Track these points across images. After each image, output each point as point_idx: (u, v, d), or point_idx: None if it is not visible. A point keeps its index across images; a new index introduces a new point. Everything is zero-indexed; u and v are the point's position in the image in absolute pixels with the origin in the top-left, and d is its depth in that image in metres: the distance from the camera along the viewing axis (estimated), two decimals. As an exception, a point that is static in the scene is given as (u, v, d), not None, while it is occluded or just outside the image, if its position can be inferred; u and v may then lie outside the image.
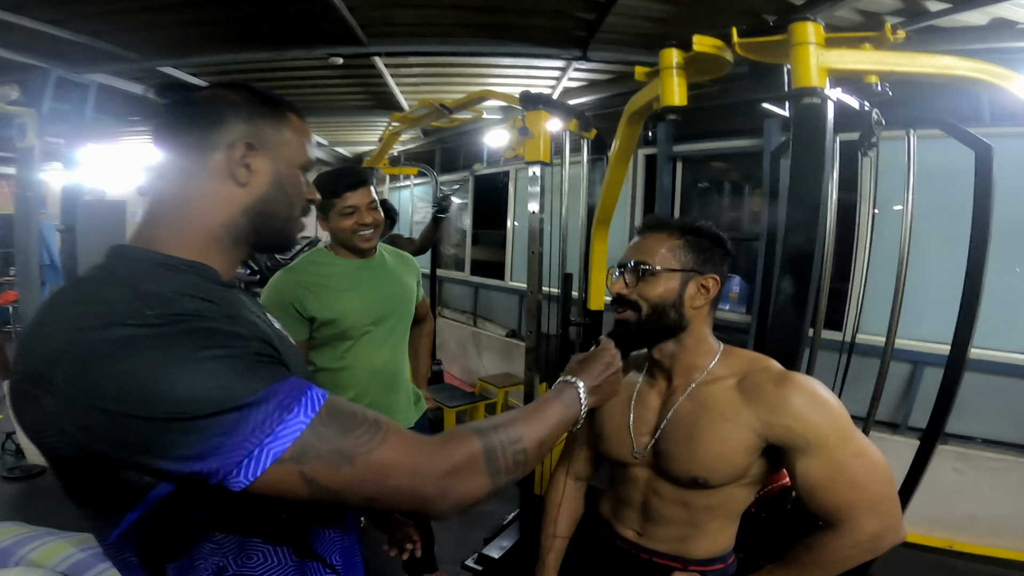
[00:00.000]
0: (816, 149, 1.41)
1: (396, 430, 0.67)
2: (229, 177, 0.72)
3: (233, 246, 0.76)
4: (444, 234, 7.10)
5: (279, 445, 0.60)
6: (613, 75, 4.05)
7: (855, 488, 1.00)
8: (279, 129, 0.76)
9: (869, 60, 1.16)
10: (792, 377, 1.05)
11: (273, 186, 0.75)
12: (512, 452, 0.74)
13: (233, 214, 0.74)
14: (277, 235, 0.80)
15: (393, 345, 1.89)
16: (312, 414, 0.62)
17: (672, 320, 1.14)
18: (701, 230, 1.16)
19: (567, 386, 0.93)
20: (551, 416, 0.85)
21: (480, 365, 5.72)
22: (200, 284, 0.69)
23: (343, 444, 0.63)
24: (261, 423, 0.59)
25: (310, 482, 0.62)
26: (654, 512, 1.21)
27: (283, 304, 1.70)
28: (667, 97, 1.36)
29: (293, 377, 0.65)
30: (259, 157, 0.74)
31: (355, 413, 0.66)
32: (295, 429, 0.61)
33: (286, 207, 0.78)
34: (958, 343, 1.77)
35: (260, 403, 0.60)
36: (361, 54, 3.56)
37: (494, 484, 0.72)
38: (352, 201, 1.75)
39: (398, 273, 1.96)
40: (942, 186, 2.79)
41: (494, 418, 0.78)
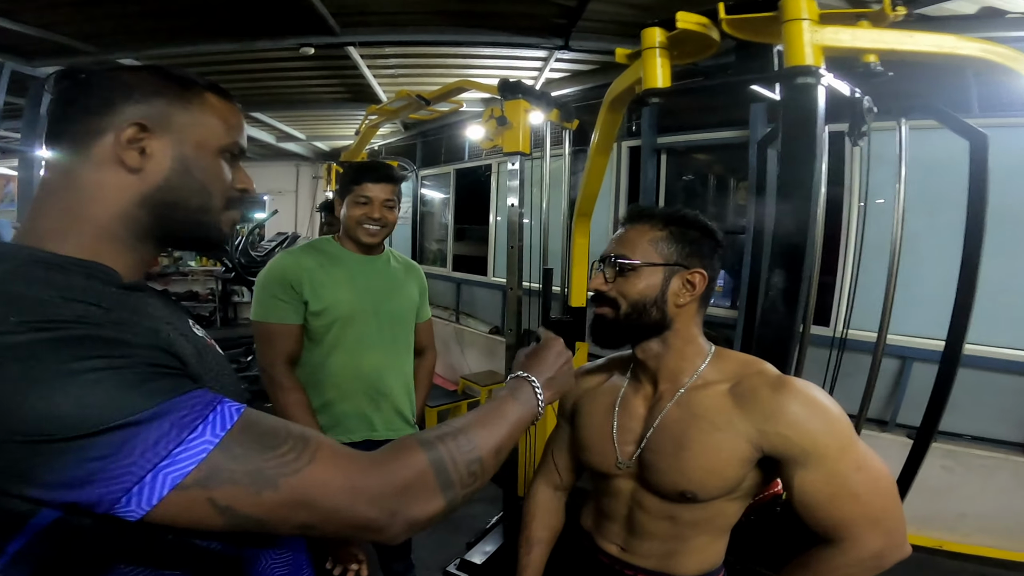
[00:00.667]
0: (807, 134, 1.33)
1: (328, 446, 0.60)
2: (117, 163, 0.64)
3: (135, 241, 0.67)
4: (427, 229, 6.99)
5: (178, 469, 0.52)
6: (596, 65, 3.97)
7: (857, 503, 0.91)
8: (187, 109, 0.67)
9: (868, 38, 1.07)
10: (789, 382, 0.96)
11: (177, 172, 0.66)
12: (465, 463, 0.67)
13: (126, 205, 0.65)
14: (191, 229, 0.70)
15: (384, 351, 1.77)
16: (221, 432, 0.55)
17: (654, 318, 1.04)
18: (686, 219, 1.06)
19: (520, 382, 0.86)
20: (507, 417, 0.78)
21: (463, 363, 5.63)
22: (89, 286, 0.60)
23: (263, 465, 0.55)
24: (153, 444, 0.51)
25: (224, 511, 0.54)
26: (639, 526, 1.12)
27: (283, 283, 1.64)
28: (649, 79, 1.26)
29: (199, 390, 0.57)
30: (157, 140, 0.65)
31: (277, 429, 0.59)
32: (199, 450, 0.53)
33: (197, 196, 0.68)
34: (953, 338, 1.70)
35: (150, 421, 0.52)
36: (334, 44, 3.44)
37: (448, 501, 0.65)
38: (369, 192, 1.70)
39: (400, 278, 1.87)
40: (927, 178, 2.73)
41: (442, 426, 0.71)
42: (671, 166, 4.18)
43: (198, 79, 0.70)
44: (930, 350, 2.92)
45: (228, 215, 0.73)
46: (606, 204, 4.25)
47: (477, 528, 2.82)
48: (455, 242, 6.49)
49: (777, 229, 1.43)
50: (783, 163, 1.40)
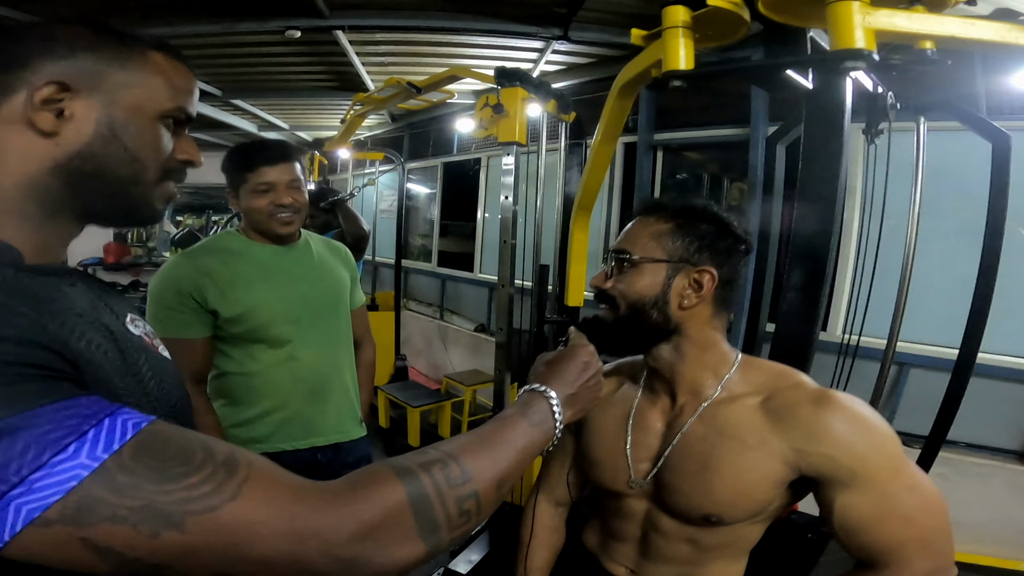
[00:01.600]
0: (835, 127, 1.25)
1: (263, 473, 0.48)
2: (26, 124, 0.55)
3: (44, 216, 0.57)
4: (412, 224, 6.85)
5: (36, 500, 0.41)
6: (595, 59, 3.87)
7: (909, 526, 0.83)
8: (124, 67, 0.58)
9: (926, 23, 0.97)
10: (832, 397, 0.87)
11: (101, 137, 0.57)
12: (456, 499, 0.55)
13: (35, 172, 0.56)
14: (117, 202, 0.61)
15: (321, 348, 1.59)
16: (104, 454, 0.43)
17: (655, 321, 0.94)
18: (695, 211, 0.96)
19: (535, 397, 0.73)
20: (514, 441, 0.65)
21: (447, 361, 5.51)
22: None
23: (161, 499, 0.44)
24: (1, 467, 0.41)
25: (105, 552, 0.43)
26: (653, 549, 1.02)
27: (179, 294, 1.42)
28: (671, 60, 1.16)
29: (83, 397, 0.45)
30: (80, 101, 0.56)
31: (190, 449, 0.47)
32: (67, 477, 0.42)
33: (126, 165, 0.59)
34: (967, 345, 1.63)
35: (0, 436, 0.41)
36: (321, 27, 3.28)
37: (430, 547, 0.53)
38: (268, 177, 1.48)
39: (328, 264, 1.67)
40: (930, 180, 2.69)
41: (428, 450, 0.58)
42: (667, 164, 4.11)
43: (143, 35, 0.61)
44: (929, 356, 2.88)
45: (163, 188, 0.64)
46: (601, 203, 4.16)
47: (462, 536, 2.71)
48: (440, 238, 6.36)
49: (797, 229, 1.34)
50: (806, 157, 1.31)
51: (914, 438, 2.52)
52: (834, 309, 3.11)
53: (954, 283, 2.68)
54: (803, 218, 1.34)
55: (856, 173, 2.66)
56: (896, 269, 1.85)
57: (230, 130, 6.35)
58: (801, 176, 1.32)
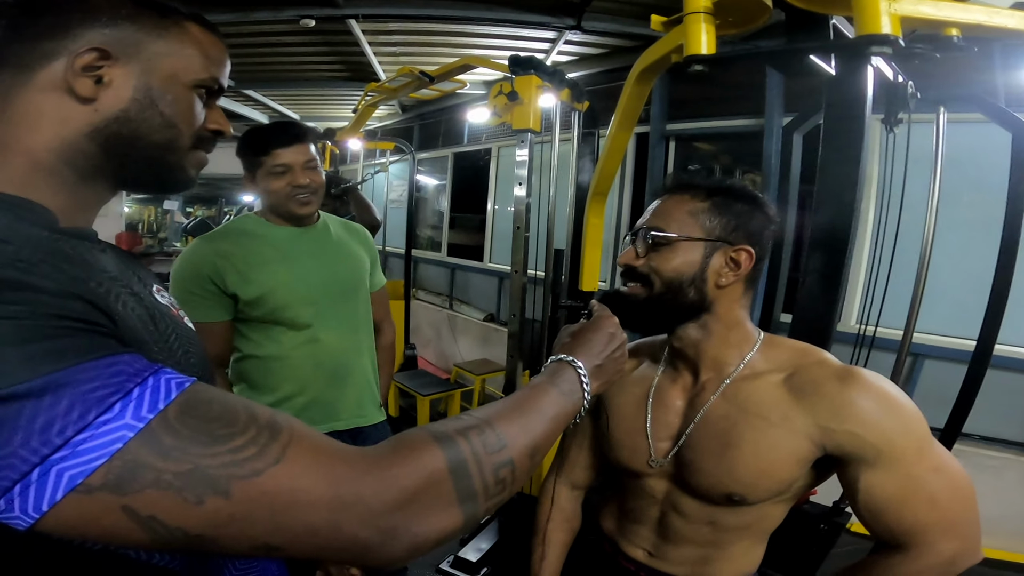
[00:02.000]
0: (857, 114, 1.24)
1: (305, 438, 0.46)
2: (65, 91, 0.55)
3: (80, 180, 0.58)
4: (422, 215, 6.86)
5: (80, 465, 0.38)
6: (607, 49, 3.85)
7: (934, 507, 0.83)
8: (162, 37, 0.59)
9: (952, 10, 0.97)
10: (858, 374, 0.86)
11: (139, 103, 0.58)
12: (493, 466, 0.53)
13: (72, 136, 0.56)
14: (152, 166, 0.61)
15: (341, 331, 1.58)
16: (150, 414, 0.41)
17: (691, 299, 0.93)
18: (732, 190, 0.95)
19: (563, 367, 0.72)
20: (545, 409, 0.64)
21: (456, 350, 5.53)
22: (11, 225, 0.49)
23: (207, 462, 0.41)
24: (42, 428, 0.38)
25: (147, 522, 0.40)
26: (672, 530, 1.02)
27: (199, 278, 1.42)
28: (692, 45, 1.16)
29: (126, 355, 0.43)
30: (119, 68, 0.57)
31: (234, 412, 0.45)
32: (113, 439, 0.39)
33: (161, 131, 0.59)
34: (985, 336, 1.63)
35: (41, 395, 0.38)
36: (335, 16, 3.29)
37: (467, 516, 0.51)
38: (284, 159, 1.48)
39: (346, 245, 1.66)
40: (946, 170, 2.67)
41: (462, 417, 0.57)
42: (679, 155, 4.10)
43: (180, 7, 0.62)
44: (943, 347, 2.87)
45: (196, 155, 0.65)
46: (613, 191, 4.16)
47: (472, 523, 2.74)
48: (450, 229, 6.36)
49: (817, 216, 1.34)
50: (826, 145, 1.31)
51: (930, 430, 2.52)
52: (849, 300, 3.10)
53: (971, 274, 2.66)
54: (822, 207, 1.34)
55: (873, 163, 2.64)
56: (912, 260, 1.84)
57: (242, 120, 6.38)
58: (820, 164, 1.31)
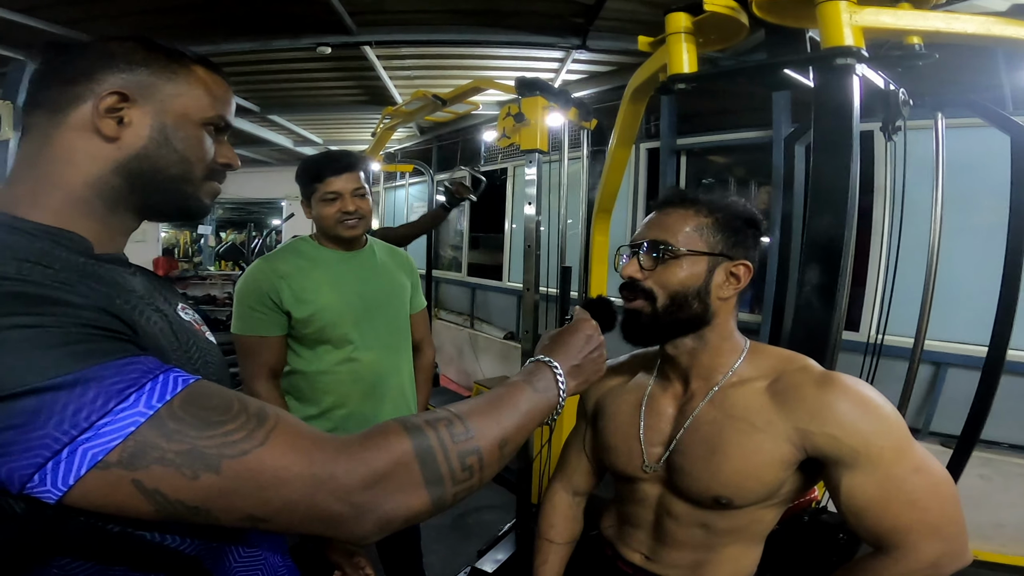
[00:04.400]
0: (843, 123, 1.26)
1: (288, 424, 0.53)
2: (93, 131, 0.62)
3: (109, 211, 0.65)
4: (442, 236, 6.95)
5: (101, 444, 0.46)
6: (613, 67, 3.91)
7: (915, 508, 0.84)
8: (172, 80, 0.66)
9: (911, 19, 1.00)
10: (836, 378, 0.89)
11: (156, 141, 0.65)
12: (459, 453, 0.59)
13: (101, 172, 0.63)
14: (170, 197, 0.68)
15: (382, 349, 1.69)
16: (158, 403, 0.49)
17: (695, 312, 0.96)
18: (732, 208, 0.99)
19: (539, 367, 0.77)
20: (518, 405, 0.68)
21: (477, 368, 5.57)
22: (50, 251, 0.56)
23: (202, 443, 0.49)
24: (73, 414, 0.45)
25: (152, 495, 0.48)
26: (667, 534, 1.05)
27: (259, 294, 1.55)
28: (675, 64, 1.21)
29: (143, 357, 0.51)
30: (137, 109, 0.64)
31: (228, 403, 0.52)
32: (127, 423, 0.47)
33: (177, 165, 0.67)
34: (996, 342, 1.61)
35: (72, 387, 0.46)
36: (350, 43, 3.42)
37: (434, 498, 0.57)
38: (335, 187, 1.60)
39: (389, 269, 1.77)
40: (958, 176, 2.64)
41: (436, 410, 0.63)
42: (690, 169, 4.11)
43: (186, 51, 0.69)
44: (966, 355, 2.81)
45: (209, 186, 0.71)
46: (624, 206, 4.19)
47: (489, 535, 2.76)
48: (471, 250, 6.44)
49: (811, 225, 1.36)
50: (817, 154, 1.33)
51: (953, 439, 2.47)
52: (865, 310, 3.07)
53: (989, 280, 2.62)
54: (816, 216, 1.35)
55: (882, 172, 2.63)
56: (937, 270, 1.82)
57: (268, 145, 6.60)
58: (813, 175, 1.33)
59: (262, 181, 8.04)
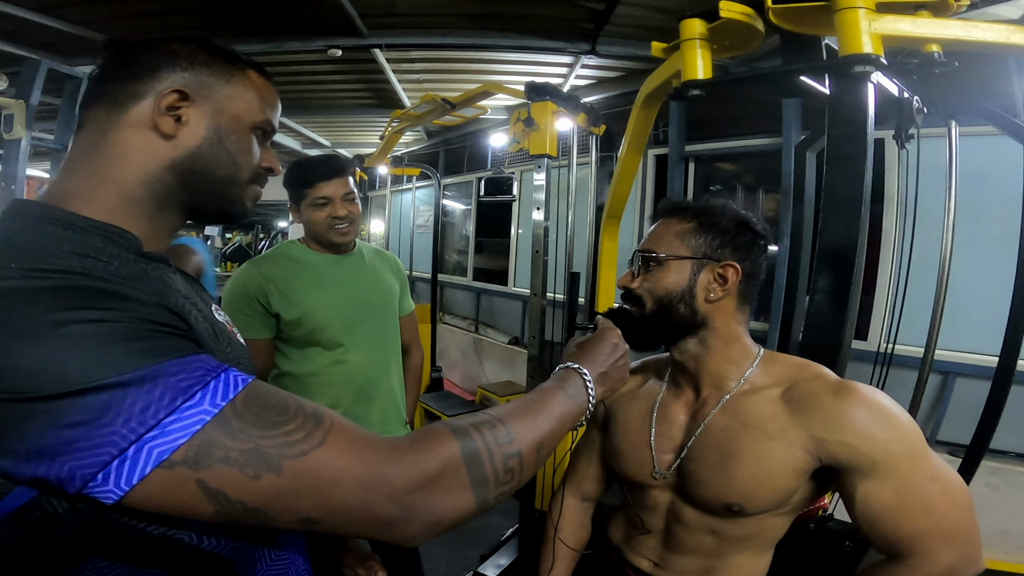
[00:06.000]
0: (858, 131, 1.26)
1: (342, 426, 0.54)
2: (151, 128, 0.62)
3: (158, 209, 0.65)
4: (448, 241, 6.95)
5: (167, 443, 0.45)
6: (622, 72, 3.92)
7: (931, 516, 0.83)
8: (229, 82, 0.67)
9: (930, 27, 1.00)
10: (852, 387, 0.88)
11: (210, 141, 0.65)
12: (503, 457, 0.60)
13: (155, 169, 0.63)
14: (216, 198, 0.69)
15: (371, 350, 1.69)
16: (222, 402, 0.48)
17: (682, 315, 0.98)
18: (715, 210, 1.00)
19: (569, 374, 0.79)
20: (552, 410, 0.70)
21: (481, 372, 5.56)
22: (104, 247, 0.56)
23: (264, 443, 0.49)
24: (140, 411, 0.45)
25: (215, 495, 0.47)
26: (676, 541, 1.04)
27: (247, 298, 1.55)
28: (689, 71, 1.20)
29: (203, 354, 0.51)
30: (195, 108, 0.64)
31: (285, 403, 0.52)
32: (193, 421, 0.47)
33: (227, 167, 0.67)
34: (1007, 352, 1.60)
35: (140, 383, 0.45)
36: (361, 46, 3.44)
37: (479, 500, 0.58)
38: (325, 192, 1.60)
39: (378, 272, 1.78)
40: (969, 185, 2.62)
41: (477, 413, 0.64)
42: (699, 175, 4.10)
43: (242, 56, 0.70)
44: (974, 365, 2.79)
45: (252, 189, 0.72)
46: (632, 212, 4.19)
47: (491, 540, 2.74)
48: (476, 255, 6.44)
49: (824, 232, 1.35)
50: (831, 162, 1.32)
51: (961, 448, 2.45)
52: (874, 319, 3.05)
53: (1001, 290, 2.60)
54: (828, 225, 1.35)
55: (893, 180, 2.62)
56: (935, 277, 1.82)
57: (276, 147, 6.58)
58: (826, 182, 1.33)
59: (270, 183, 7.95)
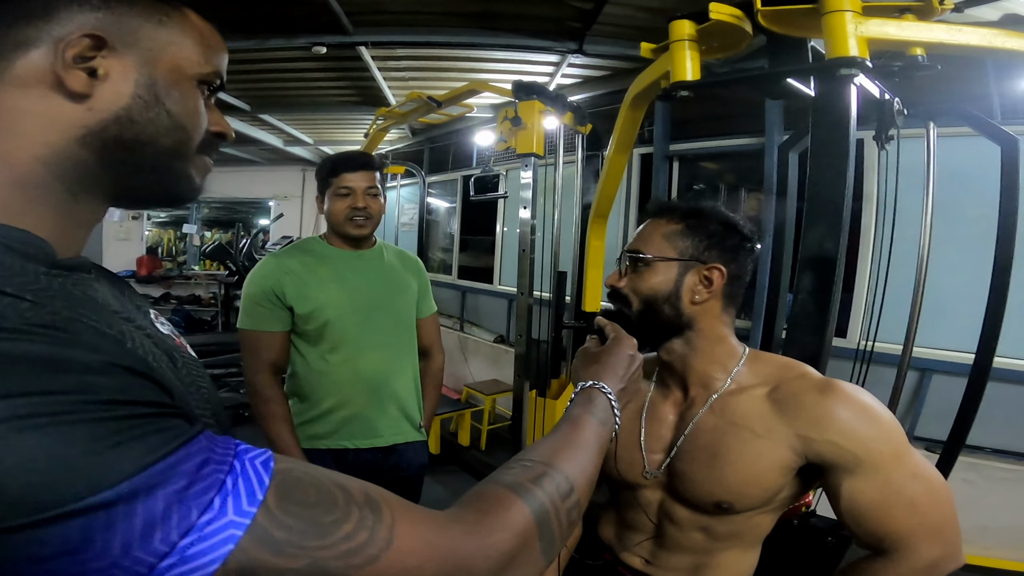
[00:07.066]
0: (841, 132, 1.29)
1: (404, 512, 0.44)
2: (52, 86, 0.45)
3: (70, 196, 0.48)
4: (432, 238, 6.95)
5: (194, 571, 0.35)
6: (610, 71, 3.93)
7: (914, 512, 0.86)
8: (163, 24, 0.50)
9: (915, 31, 1.02)
10: (837, 386, 0.90)
11: (142, 100, 0.48)
12: (567, 510, 0.54)
13: (61, 142, 0.46)
14: (157, 175, 0.52)
15: (385, 351, 1.68)
16: (252, 507, 0.37)
17: (667, 316, 0.99)
18: (703, 213, 1.01)
19: (596, 395, 0.73)
20: (591, 442, 0.64)
21: (467, 371, 5.56)
22: (10, 265, 0.40)
23: (323, 555, 0.38)
24: (142, 536, 0.34)
25: None
26: (667, 539, 1.06)
27: (264, 290, 1.56)
28: (678, 72, 1.22)
29: (199, 436, 0.39)
30: (116, 59, 0.47)
31: (328, 491, 0.42)
32: (222, 538, 0.36)
33: (169, 133, 0.50)
34: (983, 349, 1.64)
35: (131, 500, 0.34)
36: (346, 43, 3.41)
37: (548, 560, 0.52)
38: (349, 182, 1.61)
39: (398, 271, 1.77)
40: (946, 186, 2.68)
41: (526, 461, 0.56)
42: (683, 175, 4.15)
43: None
44: (950, 362, 2.86)
45: (202, 161, 0.56)
46: (618, 213, 4.21)
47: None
48: (461, 252, 6.43)
49: (807, 233, 1.38)
50: (814, 163, 1.35)
51: (938, 444, 2.51)
52: (854, 317, 3.11)
53: (977, 288, 2.67)
54: (812, 224, 1.38)
55: (873, 180, 2.67)
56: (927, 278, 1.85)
57: (257, 145, 6.54)
58: (810, 182, 1.36)
59: (250, 180, 7.97)
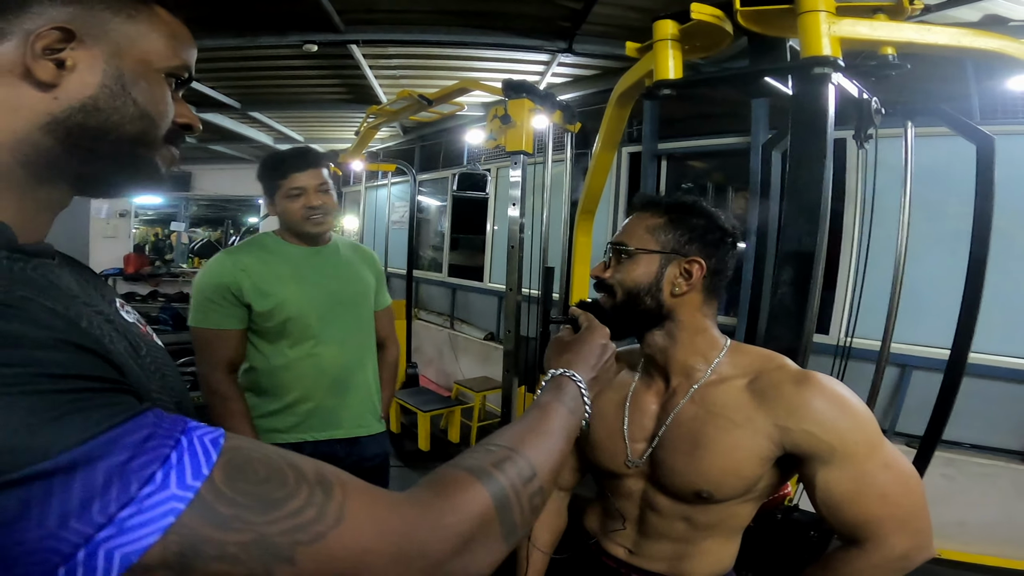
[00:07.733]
0: (819, 130, 1.32)
1: (357, 491, 0.44)
2: (20, 75, 0.48)
3: (34, 182, 0.50)
4: (423, 237, 6.95)
5: (131, 542, 0.35)
6: (599, 70, 3.96)
7: (885, 503, 0.88)
8: (132, 19, 0.53)
9: (886, 31, 1.06)
10: (813, 377, 0.93)
11: (109, 90, 0.51)
12: (528, 496, 0.54)
13: (24, 129, 0.48)
14: (119, 162, 0.54)
15: (344, 344, 1.70)
16: (196, 481, 0.37)
17: (648, 307, 1.02)
18: (685, 206, 1.04)
19: (565, 383, 0.74)
20: (559, 429, 0.64)
21: (457, 368, 5.58)
22: None
23: (268, 530, 0.38)
24: (80, 507, 0.34)
25: None
26: (650, 528, 1.08)
27: (219, 287, 1.55)
28: (661, 70, 1.25)
29: (148, 412, 0.39)
30: (85, 51, 0.50)
31: (278, 468, 0.42)
32: (163, 511, 0.36)
33: (134, 122, 0.53)
34: (958, 345, 1.68)
35: (71, 471, 0.34)
36: (337, 41, 3.41)
37: (509, 547, 0.52)
38: (299, 183, 1.60)
39: (354, 265, 1.78)
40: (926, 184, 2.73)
41: (490, 446, 0.57)
42: (671, 174, 4.19)
43: None
44: (930, 358, 2.91)
45: (168, 150, 0.58)
46: (606, 210, 4.25)
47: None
48: (451, 250, 6.44)
49: (786, 230, 1.41)
50: (793, 161, 1.38)
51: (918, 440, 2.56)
52: (835, 313, 3.16)
53: (955, 285, 2.72)
54: (790, 221, 1.40)
55: (853, 179, 2.72)
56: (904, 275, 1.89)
57: (247, 142, 6.52)
58: (788, 180, 1.38)
59: (239, 178, 7.88)
